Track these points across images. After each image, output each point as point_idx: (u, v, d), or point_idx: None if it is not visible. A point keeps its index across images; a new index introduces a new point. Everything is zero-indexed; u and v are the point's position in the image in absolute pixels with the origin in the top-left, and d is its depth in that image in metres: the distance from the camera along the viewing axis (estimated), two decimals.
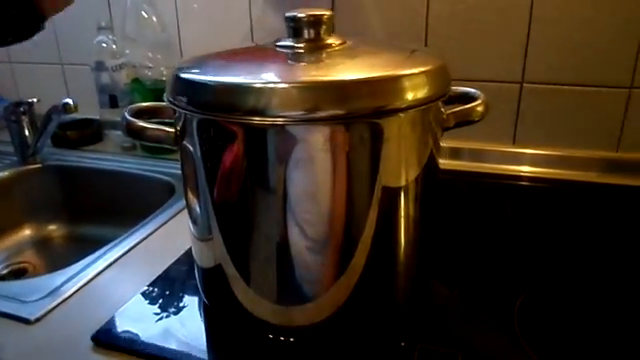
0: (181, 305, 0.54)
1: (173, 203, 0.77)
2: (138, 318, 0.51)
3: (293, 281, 0.44)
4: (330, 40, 0.45)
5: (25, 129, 0.95)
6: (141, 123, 0.45)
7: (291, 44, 0.45)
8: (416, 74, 0.40)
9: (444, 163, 0.84)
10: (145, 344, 0.47)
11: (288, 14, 0.45)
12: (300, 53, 0.45)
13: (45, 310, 0.53)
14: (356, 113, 0.38)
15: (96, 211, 0.95)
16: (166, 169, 0.88)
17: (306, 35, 0.45)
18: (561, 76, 0.80)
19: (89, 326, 0.50)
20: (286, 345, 0.47)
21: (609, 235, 0.66)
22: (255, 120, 0.38)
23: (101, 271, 0.61)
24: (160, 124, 0.46)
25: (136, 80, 0.95)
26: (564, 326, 0.49)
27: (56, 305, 0.54)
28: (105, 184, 0.95)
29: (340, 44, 0.45)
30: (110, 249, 0.66)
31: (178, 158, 0.48)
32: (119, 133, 0.97)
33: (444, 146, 0.85)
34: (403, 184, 0.43)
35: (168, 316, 0.52)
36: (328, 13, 0.45)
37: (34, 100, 0.95)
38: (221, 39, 0.96)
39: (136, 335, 0.49)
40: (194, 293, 0.55)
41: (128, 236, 0.69)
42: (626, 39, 0.75)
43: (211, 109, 0.40)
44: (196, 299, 0.54)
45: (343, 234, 0.42)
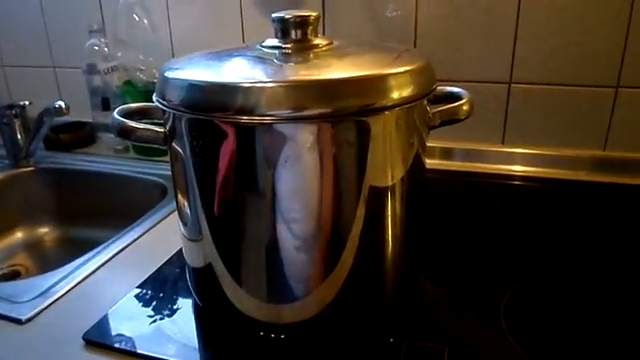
0: (173, 304, 0.54)
1: (165, 204, 0.77)
2: (130, 317, 0.52)
3: (282, 279, 0.45)
4: (317, 41, 0.46)
5: (17, 132, 0.95)
6: (131, 123, 0.45)
7: (278, 44, 0.46)
8: (401, 73, 0.41)
9: (434, 163, 0.86)
10: (136, 343, 0.48)
11: (275, 15, 0.46)
12: (287, 53, 0.45)
13: (36, 310, 0.54)
14: (343, 111, 0.39)
15: (89, 213, 0.95)
16: (158, 171, 0.89)
17: (293, 35, 0.46)
18: (548, 76, 0.81)
19: (80, 326, 0.50)
20: (277, 342, 0.47)
21: (597, 232, 0.67)
22: (243, 119, 0.39)
23: (93, 272, 0.61)
24: (151, 124, 0.47)
25: (128, 82, 0.95)
26: (550, 322, 0.50)
27: (47, 305, 0.55)
28: (98, 186, 0.95)
29: (327, 44, 0.46)
30: (102, 250, 0.66)
31: (169, 159, 0.48)
32: (111, 136, 0.97)
33: (435, 146, 0.87)
34: (390, 182, 0.44)
35: (160, 315, 0.52)
36: (314, 14, 0.45)
37: (26, 103, 0.95)
38: (213, 40, 0.96)
39: (127, 334, 0.49)
40: (185, 292, 0.55)
41: (120, 237, 0.69)
42: (612, 38, 0.76)
43: (199, 109, 0.40)
44: (187, 298, 0.55)
45: (331, 232, 0.43)
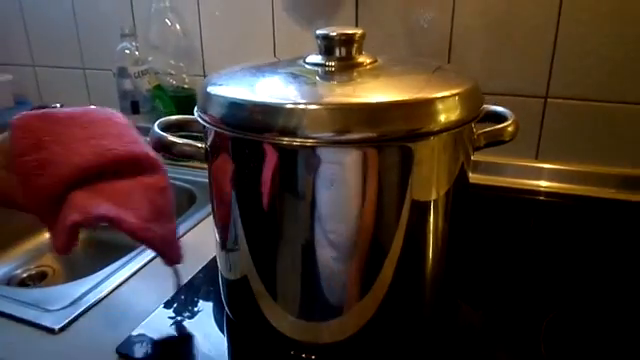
0: (204, 317, 0.54)
1: (194, 212, 0.77)
2: (163, 330, 0.52)
3: (318, 297, 0.44)
4: (361, 59, 0.45)
5: None
6: (171, 138, 0.45)
7: (322, 62, 0.45)
8: (449, 96, 0.40)
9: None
10: (170, 358, 0.48)
11: (320, 32, 0.45)
12: (331, 72, 0.45)
13: (69, 320, 0.54)
14: (388, 136, 0.38)
15: None
16: (187, 176, 0.89)
17: (337, 53, 0.45)
18: (585, 91, 0.79)
19: (113, 337, 0.50)
20: None
21: (638, 254, 0.65)
22: (285, 140, 0.38)
23: (124, 280, 0.61)
24: (187, 137, 0.47)
25: (158, 87, 0.95)
26: (591, 349, 0.48)
27: (79, 315, 0.55)
28: None
29: (371, 63, 0.45)
30: (133, 258, 0.66)
31: (199, 165, 0.48)
32: None
33: None
34: (432, 204, 0.43)
35: (193, 327, 0.52)
36: (360, 32, 0.45)
37: (57, 105, 0.96)
38: (243, 48, 0.96)
39: (159, 349, 0.49)
40: (218, 305, 0.55)
41: None
42: None
43: (241, 127, 0.40)
44: (220, 312, 0.54)
45: (370, 254, 0.42)
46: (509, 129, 0.46)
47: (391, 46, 0.86)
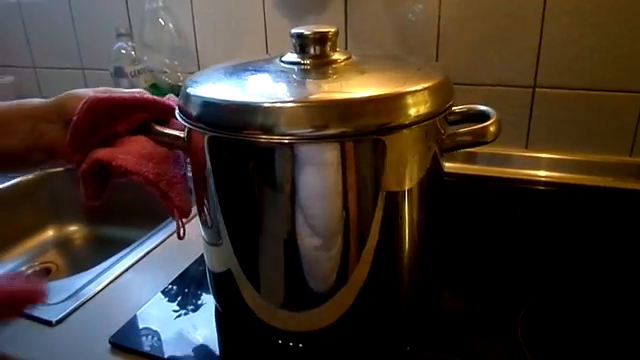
0: (197, 308, 0.56)
1: (192, 204, 0.79)
2: (155, 321, 0.54)
3: (300, 287, 0.46)
4: (336, 56, 0.46)
5: None
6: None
7: (297, 60, 0.47)
8: (418, 90, 0.41)
9: (456, 167, 0.86)
10: (160, 348, 0.50)
11: (294, 31, 0.46)
12: (306, 69, 0.46)
13: (66, 312, 0.56)
14: (361, 131, 0.39)
15: (117, 213, 0.97)
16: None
17: (312, 51, 0.46)
18: (573, 80, 0.80)
19: (108, 328, 0.52)
20: (295, 350, 0.49)
21: (622, 241, 0.66)
22: (263, 138, 0.40)
23: (121, 274, 0.63)
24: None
25: (154, 85, 0.97)
26: (568, 337, 0.49)
27: (76, 307, 0.57)
28: (125, 186, 0.97)
29: (345, 59, 0.46)
30: (130, 252, 0.68)
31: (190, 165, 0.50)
32: None
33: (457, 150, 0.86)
34: (407, 194, 0.44)
35: (185, 318, 0.54)
36: (333, 29, 0.46)
37: None
38: (236, 45, 0.98)
39: (152, 339, 0.51)
40: (210, 296, 0.57)
41: (147, 239, 0.71)
42: (638, 43, 0.74)
43: (220, 127, 0.42)
44: (211, 303, 0.56)
45: (349, 242, 0.44)
46: (491, 129, 0.45)
47: (380, 40, 0.87)
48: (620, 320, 0.52)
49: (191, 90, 0.44)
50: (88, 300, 0.58)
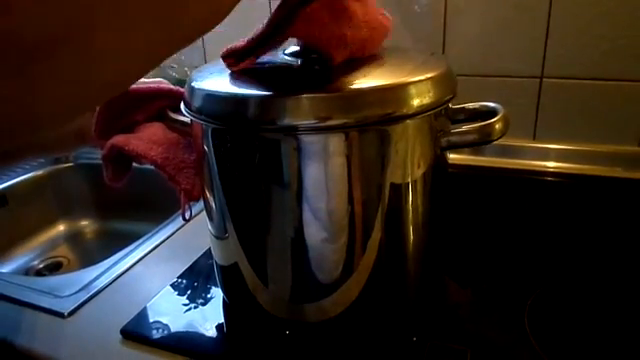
0: (206, 298, 0.57)
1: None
2: (165, 312, 0.55)
3: (306, 278, 0.46)
4: None
5: None
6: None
7: (301, 52, 0.47)
8: (421, 81, 0.41)
9: (464, 158, 0.86)
10: (170, 337, 0.50)
11: None
12: (310, 61, 0.46)
13: (77, 304, 0.57)
14: (364, 121, 0.39)
15: (127, 207, 0.99)
16: None
17: None
18: (581, 70, 0.79)
19: (119, 319, 0.53)
20: (302, 341, 0.49)
21: (630, 232, 0.65)
22: (267, 130, 0.40)
23: (131, 266, 0.65)
24: None
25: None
26: (575, 326, 0.50)
27: (88, 299, 0.58)
28: (134, 181, 0.98)
29: None
30: (140, 245, 0.69)
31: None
32: None
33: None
34: (411, 184, 0.44)
35: (194, 309, 0.55)
36: None
37: None
38: (243, 36, 0.97)
39: (163, 328, 0.52)
40: (217, 288, 0.58)
41: (157, 231, 0.72)
42: None
43: (224, 120, 0.42)
44: (219, 294, 0.57)
45: (354, 232, 0.44)
46: (496, 126, 0.43)
47: None
48: (628, 310, 0.52)
49: (196, 83, 0.45)
50: (99, 293, 0.60)
